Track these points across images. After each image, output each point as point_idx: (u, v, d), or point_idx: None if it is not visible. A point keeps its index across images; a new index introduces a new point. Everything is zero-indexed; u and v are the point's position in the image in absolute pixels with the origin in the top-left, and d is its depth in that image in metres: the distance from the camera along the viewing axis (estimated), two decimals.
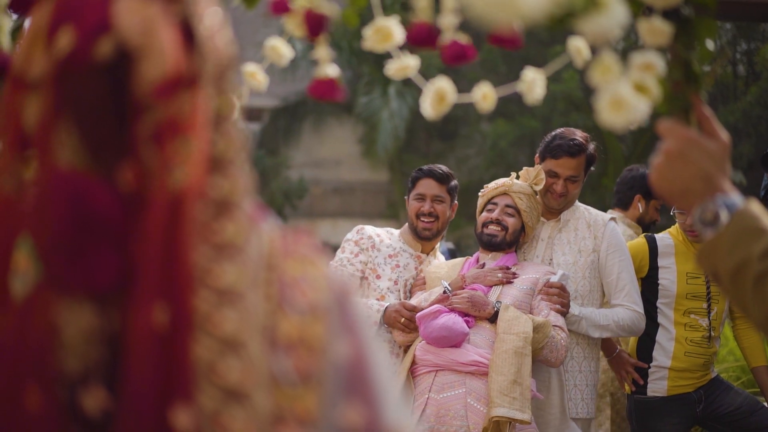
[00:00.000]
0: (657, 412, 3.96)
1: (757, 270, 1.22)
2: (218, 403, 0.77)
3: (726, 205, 1.27)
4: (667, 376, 3.95)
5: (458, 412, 3.21)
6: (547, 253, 3.70)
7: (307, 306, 0.84)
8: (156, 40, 0.78)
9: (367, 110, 15.75)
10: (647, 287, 4.01)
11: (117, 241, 0.77)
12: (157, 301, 0.77)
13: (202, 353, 0.78)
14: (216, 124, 0.82)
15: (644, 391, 3.98)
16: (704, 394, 3.95)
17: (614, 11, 1.12)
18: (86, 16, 0.78)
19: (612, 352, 4.03)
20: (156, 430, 0.76)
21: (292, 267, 0.86)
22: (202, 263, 0.79)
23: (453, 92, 1.47)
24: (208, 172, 0.81)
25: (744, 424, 3.93)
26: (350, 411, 0.83)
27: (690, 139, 1.31)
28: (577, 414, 3.59)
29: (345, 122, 16.71)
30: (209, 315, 0.78)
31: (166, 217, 0.77)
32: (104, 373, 0.78)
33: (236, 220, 0.81)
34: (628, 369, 4.00)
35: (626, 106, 1.18)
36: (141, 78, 0.78)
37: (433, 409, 3.25)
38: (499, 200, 3.62)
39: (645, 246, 4.02)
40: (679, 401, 3.95)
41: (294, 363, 0.82)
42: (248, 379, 0.78)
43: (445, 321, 3.27)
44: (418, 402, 3.31)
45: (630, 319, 3.61)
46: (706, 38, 1.32)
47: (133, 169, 0.78)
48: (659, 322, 3.99)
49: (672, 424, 3.94)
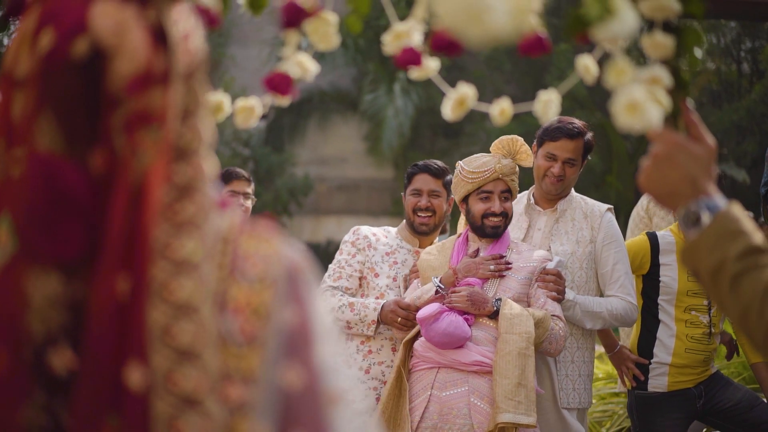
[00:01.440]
0: (658, 408, 4.00)
1: (733, 270, 1.28)
2: (171, 363, 0.85)
3: (708, 208, 1.33)
4: (667, 372, 4.00)
5: (461, 411, 3.22)
6: (544, 244, 3.71)
7: (257, 276, 0.92)
8: (128, 40, 0.86)
9: (372, 108, 15.79)
10: (648, 284, 4.06)
11: (85, 218, 0.86)
12: (120, 272, 0.85)
13: (157, 317, 0.86)
14: (184, 118, 0.91)
15: (645, 386, 4.03)
16: (704, 389, 4.00)
17: (625, 17, 1.17)
18: (64, 18, 0.86)
19: (613, 348, 4.09)
20: (111, 387, 0.83)
21: (247, 242, 0.94)
22: (163, 238, 0.87)
23: (473, 99, 1.52)
24: (174, 160, 0.89)
25: (744, 419, 3.97)
26: (290, 372, 0.90)
27: (677, 143, 1.37)
28: (569, 404, 3.62)
29: (350, 120, 16.73)
30: (166, 283, 0.86)
31: (130, 197, 0.86)
32: (71, 336, 0.86)
33: (197, 202, 0.90)
34: (629, 365, 4.05)
35: (641, 108, 1.24)
36: (114, 74, 0.86)
37: (437, 406, 3.26)
38: (492, 187, 3.48)
39: (647, 243, 4.06)
40: (680, 397, 3.99)
41: (240, 325, 0.90)
42: (199, 340, 0.86)
43: (446, 326, 3.26)
44: (420, 399, 3.32)
45: (623, 309, 3.63)
46: (693, 47, 1.38)
47: (103, 155, 0.87)
48: (660, 318, 4.03)
49: (672, 419, 3.99)
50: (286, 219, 16.00)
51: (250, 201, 4.91)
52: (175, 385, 0.85)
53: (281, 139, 16.89)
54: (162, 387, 0.84)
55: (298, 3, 1.42)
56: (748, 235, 1.30)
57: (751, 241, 1.29)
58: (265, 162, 15.81)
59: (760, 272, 1.27)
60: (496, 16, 0.88)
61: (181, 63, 0.90)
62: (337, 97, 16.55)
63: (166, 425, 0.84)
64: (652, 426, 4.01)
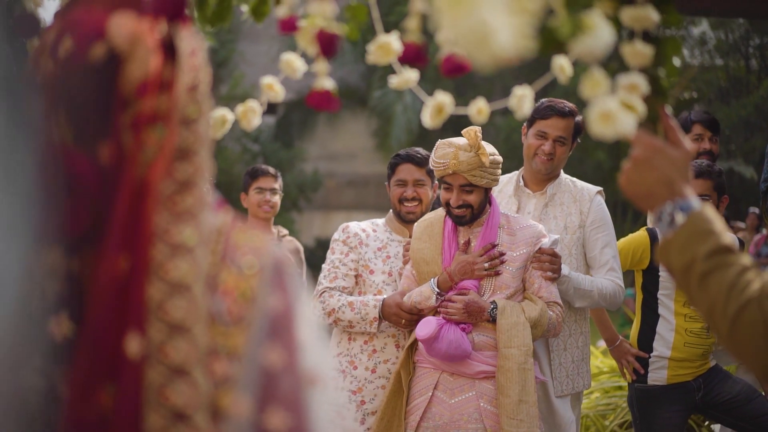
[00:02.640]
0: (657, 400, 4.06)
1: (701, 268, 1.37)
2: (164, 336, 0.94)
3: (682, 209, 1.42)
4: (667, 365, 4.05)
5: (472, 416, 3.24)
6: None
7: (246, 263, 1.02)
8: (141, 48, 0.98)
9: (381, 104, 15.86)
10: (648, 279, 4.11)
11: (91, 201, 0.96)
12: (122, 253, 0.94)
13: (154, 294, 0.95)
14: (187, 123, 1.02)
15: (645, 380, 4.09)
16: (703, 382, 4.05)
17: (601, 33, 1.25)
18: (84, 27, 0.98)
19: (614, 342, 4.15)
20: (111, 354, 0.93)
21: (238, 235, 1.05)
22: (163, 225, 0.97)
23: (451, 105, 1.61)
24: (177, 159, 1.00)
25: (742, 411, 4.03)
26: (272, 353, 0.99)
27: (656, 147, 1.46)
28: (563, 392, 3.67)
29: (359, 116, 16.81)
30: (163, 263, 0.96)
31: (134, 187, 0.96)
32: (69, 307, 0.96)
33: (194, 195, 1.00)
34: (629, 358, 4.11)
35: (614, 118, 1.32)
36: (126, 78, 0.97)
37: (446, 413, 3.26)
38: (451, 180, 3.37)
39: (646, 238, 4.10)
40: (679, 389, 4.05)
41: (229, 306, 0.99)
42: (191, 316, 0.95)
43: (447, 348, 3.23)
44: (421, 398, 3.33)
45: (612, 290, 3.64)
46: (672, 56, 1.46)
47: (111, 149, 0.97)
48: (660, 313, 4.09)
49: (672, 412, 4.04)
50: (296, 214, 16.08)
51: (277, 196, 5.00)
52: (167, 356, 0.94)
53: (291, 135, 16.97)
54: (154, 357, 0.94)
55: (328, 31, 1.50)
56: (717, 236, 1.39)
57: (720, 242, 1.38)
58: (275, 158, 15.90)
59: (725, 271, 1.35)
60: (501, 38, 0.95)
61: (186, 74, 1.01)
62: (346, 94, 16.63)
63: (156, 393, 0.93)
64: (651, 418, 4.07)
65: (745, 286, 1.34)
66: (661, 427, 4.05)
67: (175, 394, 0.93)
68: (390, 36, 1.59)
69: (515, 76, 16.28)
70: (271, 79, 1.67)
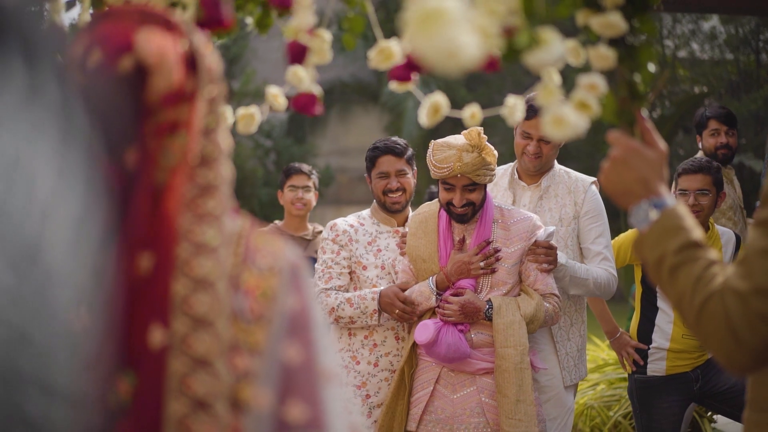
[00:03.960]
0: (657, 391, 4.15)
1: (671, 262, 1.47)
2: (188, 328, 0.99)
3: (656, 206, 1.52)
4: (665, 356, 4.13)
5: (474, 410, 3.29)
6: None
7: (266, 265, 1.08)
8: (166, 61, 1.05)
9: (393, 99, 15.91)
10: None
11: (114, 204, 1.01)
12: (143, 251, 1.00)
13: (179, 289, 1.00)
14: (207, 133, 1.10)
15: (644, 371, 4.17)
16: (701, 373, 4.12)
17: (553, 47, 1.36)
18: (113, 40, 1.05)
19: (614, 334, 4.23)
20: (135, 344, 0.97)
21: (257, 239, 1.11)
22: (186, 225, 1.03)
23: (447, 106, 1.71)
24: (198, 166, 1.06)
25: (739, 401, 4.09)
26: (290, 349, 1.04)
27: (632, 148, 1.56)
28: (571, 381, 3.73)
29: (371, 111, 16.87)
30: (187, 261, 1.01)
31: (154, 189, 1.02)
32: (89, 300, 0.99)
33: (216, 198, 1.06)
34: (629, 350, 4.20)
35: (565, 122, 1.43)
36: (152, 88, 1.05)
37: (448, 407, 3.32)
38: (454, 182, 3.36)
39: None
40: (678, 380, 4.13)
41: (250, 305, 1.04)
42: (214, 311, 1.00)
43: (446, 352, 3.27)
44: (423, 392, 3.38)
45: (606, 279, 3.66)
46: (647, 62, 1.57)
47: (136, 155, 1.04)
48: (659, 306, 4.17)
49: (670, 402, 4.12)
50: None
51: (310, 193, 5.04)
52: (190, 347, 0.98)
53: (303, 131, 17.04)
54: (178, 349, 0.98)
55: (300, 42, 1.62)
56: (687, 231, 1.49)
57: (690, 237, 1.48)
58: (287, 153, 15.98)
59: (693, 265, 1.46)
60: (468, 52, 1.06)
61: (206, 87, 1.09)
62: (358, 89, 16.68)
63: (179, 382, 0.98)
64: (651, 408, 4.15)
65: (710, 279, 1.44)
66: (661, 417, 4.13)
67: (198, 384, 0.97)
68: (390, 41, 1.69)
69: (525, 72, 16.33)
70: (276, 89, 1.77)
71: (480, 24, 1.13)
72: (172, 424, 0.96)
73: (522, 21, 1.33)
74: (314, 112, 1.69)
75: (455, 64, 1.02)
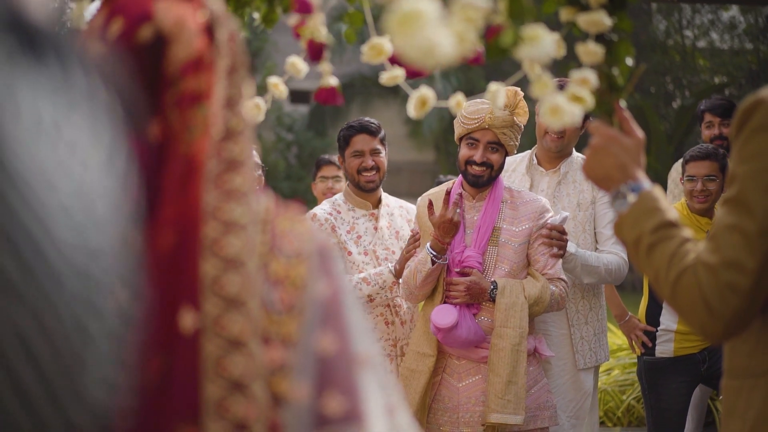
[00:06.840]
0: (665, 372, 4.23)
1: (648, 241, 1.59)
2: (220, 309, 0.95)
3: (633, 189, 1.65)
4: (673, 338, 4.21)
5: (479, 399, 3.32)
6: None
7: (293, 252, 1.03)
8: (185, 30, 1.03)
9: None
10: None
11: (141, 179, 0.94)
12: (171, 229, 0.96)
13: (208, 270, 0.96)
14: (230, 105, 1.07)
15: (653, 352, 4.26)
16: (708, 354, 4.20)
17: (544, 43, 1.49)
18: (132, 9, 1.03)
19: (623, 317, 4.32)
20: (165, 328, 0.94)
21: (282, 223, 1.06)
22: (213, 203, 0.98)
23: (433, 98, 1.84)
24: (223, 139, 1.02)
25: None
26: (324, 338, 0.99)
27: (611, 136, 1.70)
28: (585, 365, 3.77)
29: (391, 104, 16.97)
30: (216, 240, 0.97)
31: (182, 163, 0.98)
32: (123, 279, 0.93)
33: (243, 174, 1.02)
34: (638, 333, 4.28)
35: (561, 111, 1.56)
36: (171, 58, 1.00)
37: (454, 396, 3.35)
38: (480, 136, 3.38)
39: None
40: (685, 361, 4.21)
41: (280, 295, 1.00)
42: (245, 290, 0.97)
43: (467, 333, 3.26)
44: (433, 379, 3.40)
45: (617, 264, 3.67)
46: (625, 57, 1.70)
47: (159, 127, 0.99)
48: None
49: (678, 383, 4.21)
50: None
51: (340, 183, 5.19)
52: (223, 328, 0.94)
53: (324, 124, 17.17)
54: (211, 330, 0.94)
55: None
56: (663, 212, 1.61)
57: (665, 217, 1.61)
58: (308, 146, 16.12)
59: (668, 243, 1.58)
60: (443, 50, 1.20)
61: (225, 57, 1.08)
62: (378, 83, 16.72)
63: (215, 364, 0.93)
64: (659, 389, 4.25)
65: (683, 255, 1.56)
66: (669, 398, 4.23)
67: (233, 365, 0.94)
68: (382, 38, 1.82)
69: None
70: (276, 79, 1.91)
71: (457, 30, 1.25)
72: (211, 406, 0.93)
73: (506, 21, 1.46)
74: (337, 102, 1.82)
75: (432, 60, 1.16)
